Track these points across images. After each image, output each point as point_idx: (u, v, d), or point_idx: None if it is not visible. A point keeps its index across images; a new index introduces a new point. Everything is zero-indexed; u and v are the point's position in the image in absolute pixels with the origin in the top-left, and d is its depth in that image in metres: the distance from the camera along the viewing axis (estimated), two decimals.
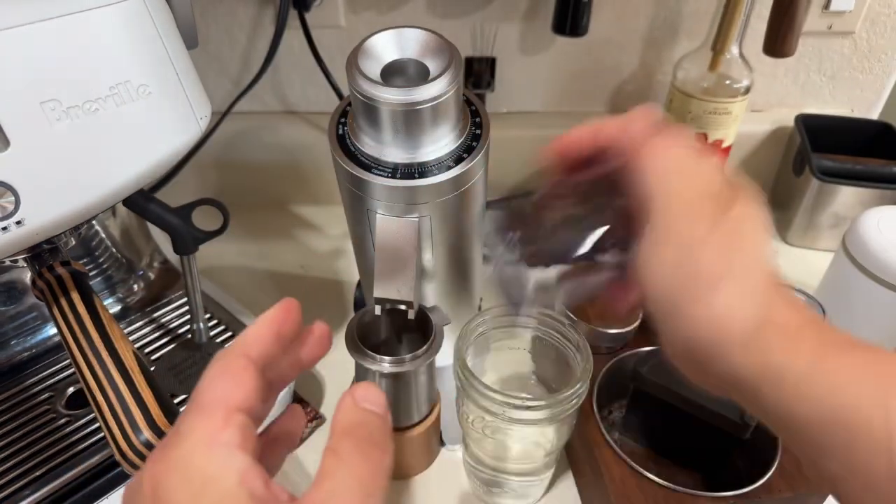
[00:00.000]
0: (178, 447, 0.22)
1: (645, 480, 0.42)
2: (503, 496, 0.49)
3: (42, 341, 0.54)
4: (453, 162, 0.39)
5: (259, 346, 0.26)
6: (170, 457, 0.22)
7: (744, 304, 0.26)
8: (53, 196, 0.33)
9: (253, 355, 0.25)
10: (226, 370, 0.24)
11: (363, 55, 0.37)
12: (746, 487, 0.42)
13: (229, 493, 0.21)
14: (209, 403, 0.23)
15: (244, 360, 0.25)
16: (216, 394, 0.24)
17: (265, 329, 0.26)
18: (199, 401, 0.23)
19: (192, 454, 0.22)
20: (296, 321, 0.28)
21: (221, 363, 0.25)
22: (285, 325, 0.27)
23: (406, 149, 0.38)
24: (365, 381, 0.26)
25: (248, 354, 0.25)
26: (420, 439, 0.48)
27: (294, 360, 0.29)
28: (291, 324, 0.27)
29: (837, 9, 0.71)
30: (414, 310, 0.41)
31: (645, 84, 0.78)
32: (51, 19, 0.32)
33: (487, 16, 0.71)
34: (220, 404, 0.23)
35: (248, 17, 0.71)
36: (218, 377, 0.24)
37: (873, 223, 0.55)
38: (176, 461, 0.22)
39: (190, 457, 0.22)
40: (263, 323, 0.26)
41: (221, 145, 0.76)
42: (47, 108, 0.32)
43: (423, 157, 0.38)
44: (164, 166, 0.38)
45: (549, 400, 0.39)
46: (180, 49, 0.39)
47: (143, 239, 0.61)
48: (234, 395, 0.23)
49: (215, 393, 0.24)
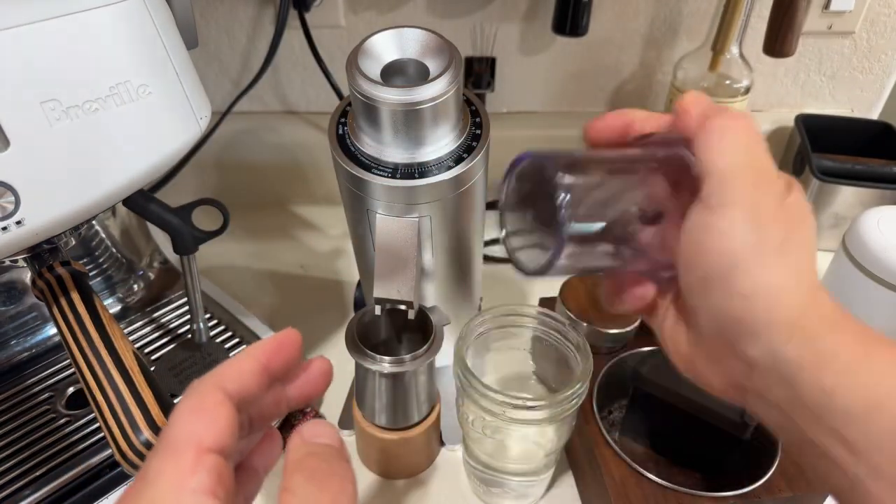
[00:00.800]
0: (145, 493, 0.21)
1: (645, 480, 0.42)
2: (503, 496, 0.49)
3: (42, 341, 0.54)
4: (453, 162, 0.39)
5: (239, 379, 0.24)
6: (139, 501, 0.21)
7: (797, 283, 0.25)
8: (53, 196, 0.33)
9: (230, 389, 0.23)
10: (199, 406, 0.22)
11: (363, 55, 0.37)
12: (746, 487, 0.42)
13: None
14: (179, 443, 0.21)
15: (219, 395, 0.23)
16: (187, 432, 0.22)
17: (249, 362, 0.24)
18: (168, 439, 0.22)
19: (160, 501, 0.20)
20: (290, 355, 0.26)
21: (195, 398, 0.23)
22: (275, 359, 0.25)
23: (406, 149, 0.38)
24: (314, 420, 0.25)
25: (225, 388, 0.23)
26: (420, 439, 0.48)
27: (279, 398, 0.27)
28: (284, 357, 0.25)
29: (837, 9, 0.71)
30: (414, 310, 0.41)
31: (645, 84, 0.78)
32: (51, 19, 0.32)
33: (487, 16, 0.71)
34: (191, 444, 0.21)
35: (248, 17, 0.71)
36: (189, 413, 0.22)
37: (873, 223, 0.55)
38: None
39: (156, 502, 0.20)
40: (249, 354, 0.25)
41: (221, 145, 0.76)
42: (47, 108, 0.32)
43: (423, 157, 0.38)
44: (164, 166, 0.38)
45: (549, 400, 0.39)
46: (180, 49, 0.39)
47: (143, 239, 0.61)
48: (207, 435, 0.21)
49: (186, 431, 0.22)
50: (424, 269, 0.45)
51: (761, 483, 0.42)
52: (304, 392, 0.27)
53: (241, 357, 0.24)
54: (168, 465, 0.21)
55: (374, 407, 0.46)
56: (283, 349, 0.25)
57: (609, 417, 0.51)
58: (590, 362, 0.41)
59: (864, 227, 0.56)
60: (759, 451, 0.45)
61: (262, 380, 0.24)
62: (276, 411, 0.27)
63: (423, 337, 0.44)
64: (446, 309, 0.48)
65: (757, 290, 0.25)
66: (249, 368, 0.24)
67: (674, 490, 0.42)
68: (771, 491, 0.42)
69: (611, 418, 0.51)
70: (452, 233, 0.44)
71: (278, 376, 0.26)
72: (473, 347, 0.44)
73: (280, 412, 0.27)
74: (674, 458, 0.48)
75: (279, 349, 0.25)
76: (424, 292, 0.47)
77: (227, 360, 0.24)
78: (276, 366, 0.25)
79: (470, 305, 0.53)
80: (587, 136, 0.32)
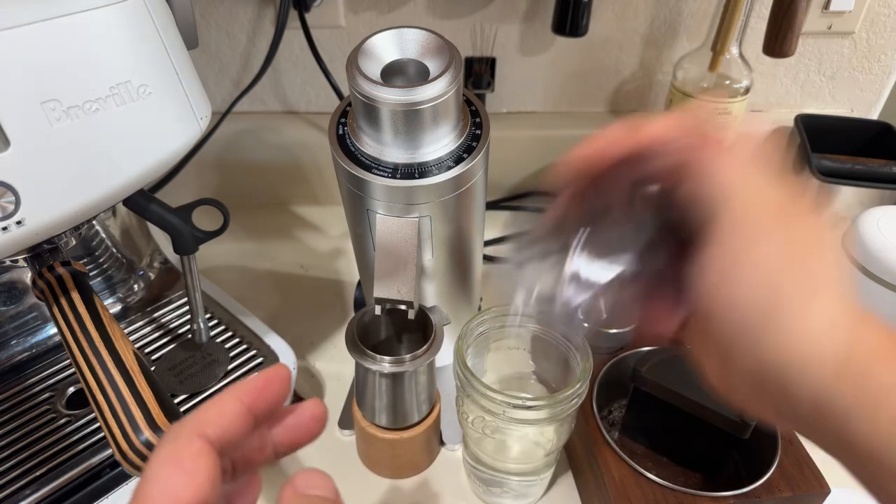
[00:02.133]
0: None
1: (644, 480, 0.42)
2: (503, 496, 0.49)
3: (42, 341, 0.54)
4: (453, 162, 0.39)
5: (221, 422, 0.22)
6: None
7: (836, 322, 0.23)
8: (54, 196, 0.33)
9: (211, 434, 0.21)
10: (176, 458, 0.20)
11: (363, 55, 0.37)
12: (746, 487, 0.42)
13: None
14: (153, 501, 0.19)
15: (199, 444, 0.21)
16: (163, 490, 0.20)
17: (232, 403, 0.22)
18: (145, 495, 0.20)
19: None
20: (277, 395, 0.24)
21: (172, 446, 0.21)
22: (261, 400, 0.23)
23: (406, 149, 0.38)
24: (308, 470, 0.23)
25: (205, 434, 0.21)
26: (420, 439, 0.48)
27: (264, 442, 0.24)
28: (271, 398, 0.23)
29: (837, 9, 0.71)
30: (414, 310, 0.41)
31: (645, 84, 0.78)
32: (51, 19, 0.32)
33: (487, 16, 0.71)
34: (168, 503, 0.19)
35: (248, 18, 0.71)
36: (166, 466, 0.20)
37: (873, 223, 0.56)
38: None
39: None
40: (233, 394, 0.23)
41: (222, 145, 0.76)
42: (48, 108, 0.32)
43: (424, 157, 0.38)
44: (164, 166, 0.38)
45: (549, 400, 0.39)
46: (180, 49, 0.39)
47: (144, 239, 0.61)
48: (184, 492, 0.20)
49: (162, 488, 0.20)
50: (424, 269, 0.45)
51: (761, 483, 0.42)
52: (293, 438, 0.25)
53: (225, 398, 0.22)
54: None
55: (374, 407, 0.46)
56: (271, 388, 0.23)
57: (609, 417, 0.51)
58: (590, 362, 0.41)
59: (863, 227, 0.56)
60: (758, 450, 0.45)
61: (246, 422, 0.22)
62: (260, 457, 0.24)
63: (423, 337, 0.44)
64: (446, 309, 0.48)
65: (797, 335, 0.23)
66: (232, 410, 0.22)
67: (673, 490, 0.42)
68: (771, 491, 0.42)
69: (611, 418, 0.51)
70: (452, 233, 0.44)
71: (263, 418, 0.23)
72: (473, 347, 0.44)
73: (266, 458, 0.25)
74: (674, 457, 0.48)
75: (267, 387, 0.23)
76: (424, 292, 0.47)
77: (209, 401, 0.22)
78: (261, 406, 0.23)
79: (470, 305, 0.53)
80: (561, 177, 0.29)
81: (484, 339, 0.46)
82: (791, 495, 0.42)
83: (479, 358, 0.47)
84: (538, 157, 0.79)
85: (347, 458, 0.52)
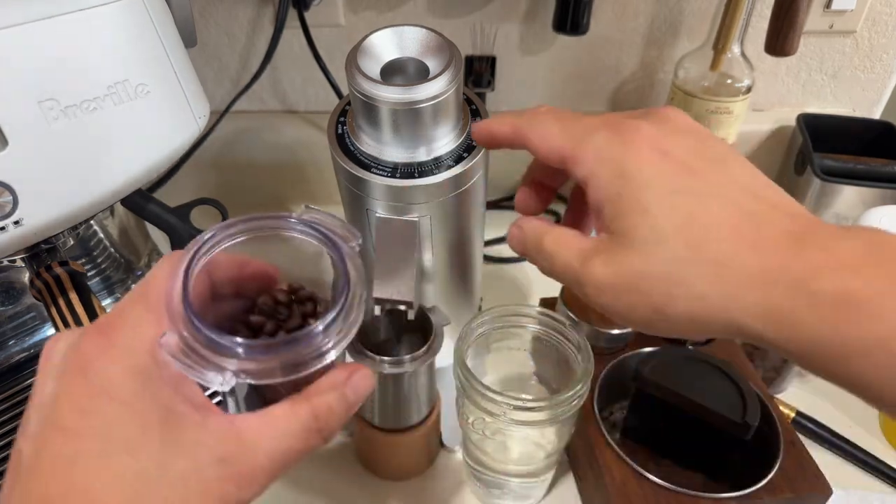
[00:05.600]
0: (122, 335, 0.22)
1: (646, 481, 0.42)
2: (503, 497, 0.49)
3: (40, 342, 0.53)
4: (453, 161, 0.39)
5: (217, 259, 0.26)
6: (114, 343, 0.22)
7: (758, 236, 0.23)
8: (51, 196, 0.33)
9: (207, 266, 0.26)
10: (172, 260, 0.24)
11: (363, 54, 0.37)
12: (748, 488, 0.42)
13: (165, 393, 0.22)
14: (157, 299, 0.23)
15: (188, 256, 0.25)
16: (158, 275, 0.24)
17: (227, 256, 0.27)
18: (149, 294, 0.24)
19: (138, 351, 0.22)
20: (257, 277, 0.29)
21: (170, 260, 0.25)
22: (246, 267, 0.28)
23: (406, 148, 0.38)
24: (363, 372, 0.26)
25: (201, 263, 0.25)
26: (420, 440, 0.48)
27: None
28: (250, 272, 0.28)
29: (839, 8, 0.71)
30: (414, 310, 0.41)
31: (646, 83, 0.78)
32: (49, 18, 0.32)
33: (487, 14, 0.71)
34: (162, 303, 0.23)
35: (247, 16, 0.71)
36: (162, 268, 0.24)
37: (875, 223, 0.55)
38: (121, 350, 0.22)
39: (135, 352, 0.22)
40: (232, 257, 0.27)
41: (220, 144, 0.75)
42: (45, 107, 0.32)
43: (423, 157, 0.38)
44: (162, 165, 0.38)
45: (550, 401, 0.39)
46: (179, 48, 0.39)
47: (142, 239, 0.61)
48: (173, 283, 0.23)
49: (158, 273, 0.24)
50: (424, 269, 0.45)
51: (763, 484, 0.42)
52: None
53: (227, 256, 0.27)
54: (148, 316, 0.23)
55: (373, 408, 0.46)
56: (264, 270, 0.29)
57: (610, 418, 0.51)
58: (590, 363, 0.41)
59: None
60: (760, 451, 0.44)
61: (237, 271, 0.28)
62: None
63: (423, 337, 0.44)
64: (446, 309, 0.48)
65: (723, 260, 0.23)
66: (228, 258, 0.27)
67: (675, 491, 0.41)
68: (772, 492, 0.42)
69: (612, 419, 0.51)
70: (452, 233, 0.43)
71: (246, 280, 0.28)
72: (473, 348, 0.44)
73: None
74: (675, 458, 0.48)
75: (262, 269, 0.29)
76: (424, 292, 0.47)
77: None
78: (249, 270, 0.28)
79: (470, 305, 0.53)
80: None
81: (484, 340, 0.46)
82: (793, 496, 0.42)
83: (480, 359, 0.47)
84: None
85: (347, 459, 0.52)
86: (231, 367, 0.22)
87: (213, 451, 0.22)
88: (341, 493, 0.50)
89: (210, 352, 0.22)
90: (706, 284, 0.23)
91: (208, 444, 0.22)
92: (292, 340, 0.23)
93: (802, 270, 0.22)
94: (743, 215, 0.24)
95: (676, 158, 0.25)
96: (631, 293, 0.25)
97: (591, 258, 0.26)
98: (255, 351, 0.22)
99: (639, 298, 0.25)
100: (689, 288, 0.23)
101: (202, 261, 0.25)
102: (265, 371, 0.23)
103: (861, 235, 0.22)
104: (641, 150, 0.25)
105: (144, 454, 0.21)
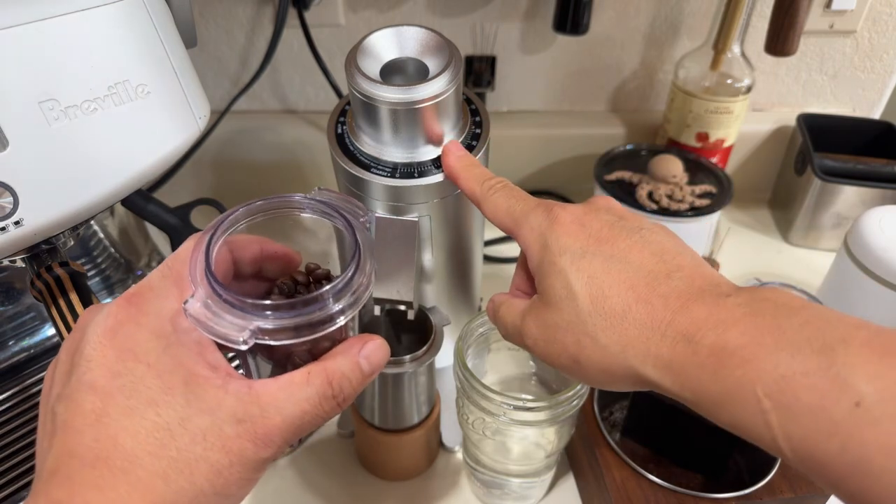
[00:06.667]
0: (149, 304, 0.25)
1: (646, 481, 0.42)
2: (503, 497, 0.49)
3: (40, 342, 0.53)
4: None
5: (238, 239, 0.29)
6: (142, 311, 0.24)
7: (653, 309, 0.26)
8: (52, 196, 0.33)
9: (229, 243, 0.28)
10: (197, 238, 0.27)
11: (362, 54, 0.37)
12: (748, 489, 0.42)
13: (189, 357, 0.24)
14: (180, 273, 0.26)
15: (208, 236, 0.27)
16: (183, 250, 0.26)
17: (250, 237, 0.30)
18: (175, 268, 0.26)
19: (163, 318, 0.24)
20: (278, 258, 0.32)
21: (196, 238, 0.27)
22: (273, 247, 0.31)
23: (405, 148, 0.38)
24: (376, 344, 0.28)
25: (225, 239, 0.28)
26: (420, 440, 0.48)
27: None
28: (272, 251, 0.31)
29: (839, 8, 0.71)
30: (414, 310, 0.41)
31: (646, 83, 0.78)
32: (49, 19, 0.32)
33: (487, 14, 0.71)
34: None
35: (246, 16, 0.71)
36: (189, 242, 0.27)
37: (875, 223, 0.55)
38: (148, 317, 0.24)
39: (161, 319, 0.24)
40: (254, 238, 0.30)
41: (220, 145, 0.75)
42: (45, 107, 0.32)
43: (423, 157, 0.38)
44: (162, 166, 0.38)
45: (550, 401, 0.39)
46: (179, 48, 0.39)
47: (142, 239, 0.61)
48: (196, 254, 0.26)
49: (184, 247, 0.26)
50: (424, 269, 0.45)
51: (763, 484, 0.42)
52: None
53: (250, 238, 0.30)
54: (175, 291, 0.25)
55: (373, 408, 0.46)
56: (283, 253, 0.32)
57: (610, 418, 0.51)
58: None
59: (865, 227, 0.55)
60: (760, 452, 0.44)
61: (257, 249, 0.30)
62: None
63: (423, 337, 0.44)
64: (446, 309, 0.48)
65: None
66: (250, 239, 0.30)
67: (675, 491, 0.41)
68: (773, 492, 0.42)
69: (612, 419, 0.51)
70: (452, 233, 0.43)
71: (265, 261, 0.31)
72: (473, 348, 0.44)
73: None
74: (675, 459, 0.48)
75: (282, 251, 0.32)
76: (424, 292, 0.47)
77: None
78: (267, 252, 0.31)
79: (470, 305, 0.53)
80: None
81: (484, 340, 0.46)
82: (793, 496, 0.42)
83: (480, 359, 0.47)
84: (539, 155, 0.79)
85: (346, 459, 0.52)
86: (249, 327, 0.24)
87: (231, 411, 0.24)
88: (341, 493, 0.50)
89: (229, 314, 0.24)
90: (606, 336, 0.26)
91: (227, 404, 0.24)
92: (303, 301, 0.25)
93: (687, 325, 0.24)
94: (642, 275, 0.27)
95: (592, 229, 0.29)
96: (553, 343, 0.28)
97: (526, 316, 0.30)
98: (269, 311, 0.25)
99: (559, 348, 0.28)
100: (593, 339, 0.26)
101: (224, 234, 0.27)
102: (280, 331, 0.25)
103: (748, 294, 0.24)
104: (563, 225, 0.29)
105: (168, 410, 0.23)
